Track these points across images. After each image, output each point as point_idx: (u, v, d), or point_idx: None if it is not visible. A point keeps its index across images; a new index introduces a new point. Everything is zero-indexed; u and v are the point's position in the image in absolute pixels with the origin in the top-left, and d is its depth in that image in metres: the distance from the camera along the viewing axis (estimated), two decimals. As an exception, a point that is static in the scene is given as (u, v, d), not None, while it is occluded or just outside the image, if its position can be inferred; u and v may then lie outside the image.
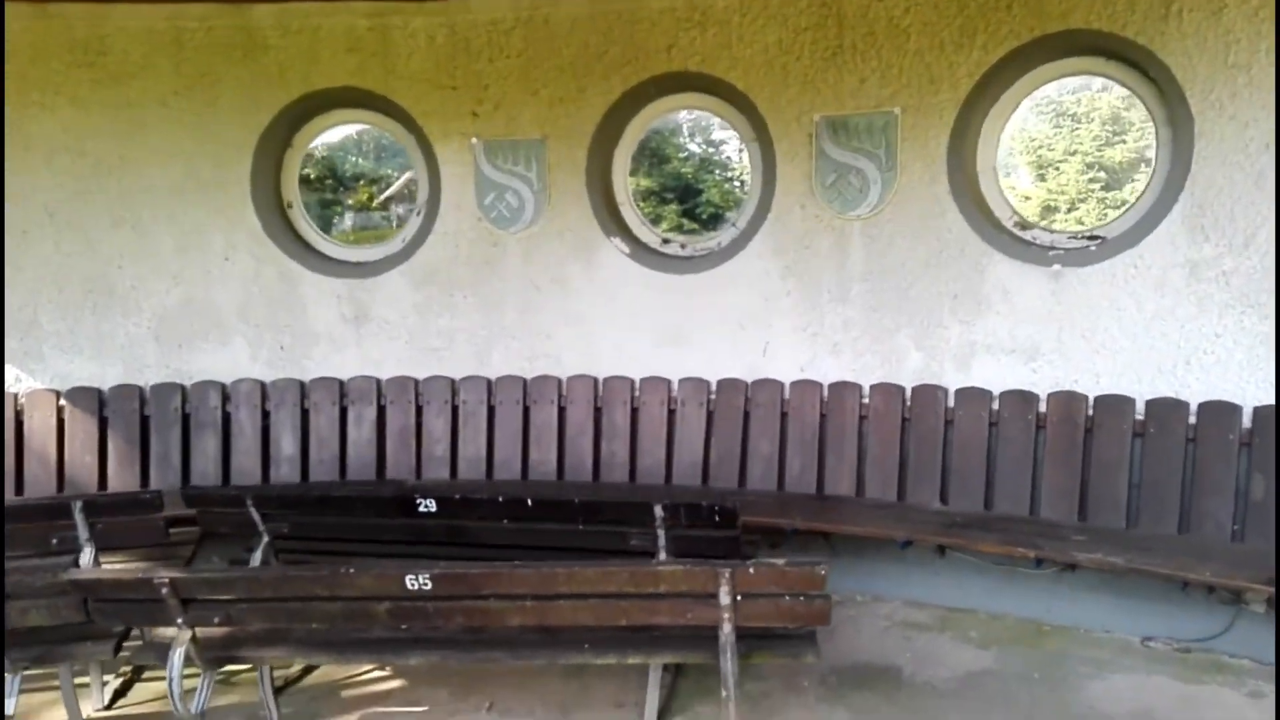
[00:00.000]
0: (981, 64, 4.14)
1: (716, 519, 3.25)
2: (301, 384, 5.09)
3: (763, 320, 4.69)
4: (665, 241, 5.04)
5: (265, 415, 5.08)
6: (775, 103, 4.52)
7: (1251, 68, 3.63)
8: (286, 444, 5.07)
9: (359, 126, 5.67)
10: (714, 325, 4.77)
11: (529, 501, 3.36)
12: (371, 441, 5.04)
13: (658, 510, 3.25)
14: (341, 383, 5.09)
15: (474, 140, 4.92)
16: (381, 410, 5.04)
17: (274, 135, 5.11)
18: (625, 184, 5.06)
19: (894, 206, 4.38)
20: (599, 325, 4.94)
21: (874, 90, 4.34)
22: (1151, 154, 3.92)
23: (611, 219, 4.94)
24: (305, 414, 5.07)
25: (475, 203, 4.97)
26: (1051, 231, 4.31)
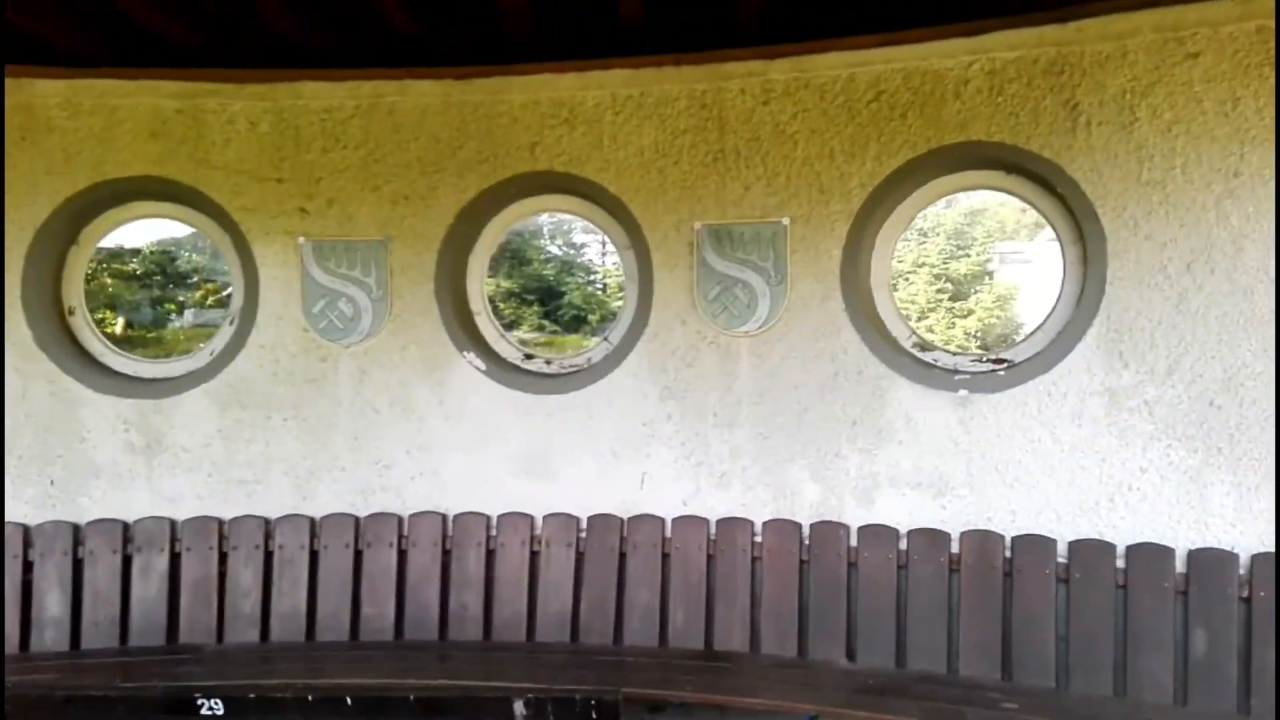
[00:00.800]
0: (875, 175, 3.82)
1: (594, 715, 2.57)
2: (75, 528, 4.11)
3: (640, 447, 4.10)
4: (528, 357, 4.42)
5: (27, 567, 4.07)
6: (652, 209, 4.06)
7: (1166, 184, 3.43)
8: (53, 603, 4.05)
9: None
10: (584, 453, 4.15)
11: (348, 700, 2.59)
12: (162, 597, 4.07)
13: (518, 707, 2.55)
14: (126, 525, 4.13)
15: (302, 240, 4.22)
16: (175, 558, 4.11)
17: (55, 231, 4.25)
18: (481, 291, 4.44)
19: (785, 323, 3.94)
20: (449, 453, 4.22)
21: (760, 199, 3.95)
22: (993, 267, 3.63)
23: (465, 331, 4.29)
24: (79, 564, 4.07)
25: (301, 311, 4.23)
26: (954, 353, 3.96)
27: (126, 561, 4.10)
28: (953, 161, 3.83)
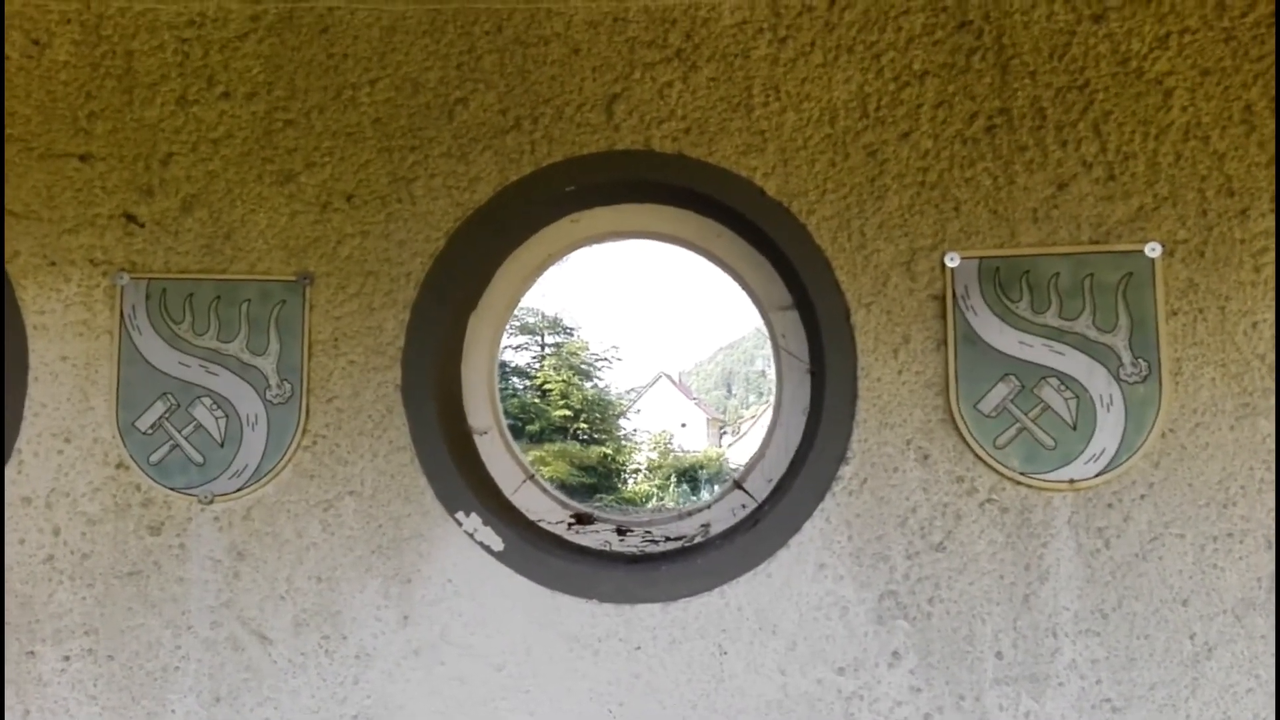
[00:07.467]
0: (1352, 150, 1.86)
1: None
2: None
3: (826, 721, 1.94)
4: (580, 520, 2.23)
5: None
6: (853, 227, 2.01)
7: None
8: None
9: None
10: (704, 729, 1.96)
11: None
12: None
13: None
14: None
15: (124, 279, 2.04)
16: None
17: None
18: (491, 390, 2.29)
19: (1155, 464, 1.87)
20: (420, 733, 1.99)
21: (1090, 207, 1.94)
22: None
23: (462, 468, 2.09)
24: None
25: (115, 424, 2.02)
26: None
27: None
28: None
